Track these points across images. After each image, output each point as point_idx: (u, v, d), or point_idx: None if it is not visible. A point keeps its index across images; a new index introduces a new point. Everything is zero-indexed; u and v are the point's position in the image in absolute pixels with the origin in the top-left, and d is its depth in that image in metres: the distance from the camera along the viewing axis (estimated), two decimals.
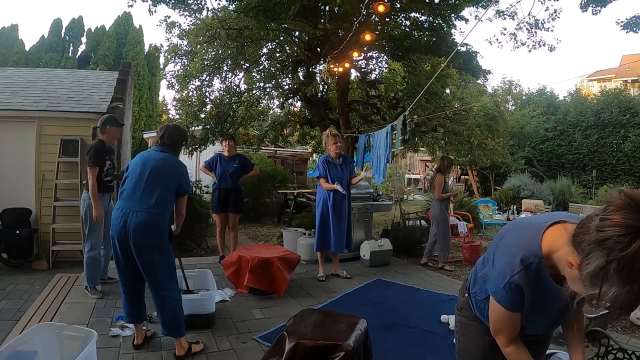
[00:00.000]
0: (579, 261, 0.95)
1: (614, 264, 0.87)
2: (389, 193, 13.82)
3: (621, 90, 17.11)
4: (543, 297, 1.20)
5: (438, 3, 6.72)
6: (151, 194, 2.66)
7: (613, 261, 0.87)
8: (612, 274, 0.88)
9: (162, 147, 2.85)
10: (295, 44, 7.83)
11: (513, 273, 1.15)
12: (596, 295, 0.92)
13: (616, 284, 0.88)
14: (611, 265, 0.87)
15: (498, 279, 1.21)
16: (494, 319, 1.30)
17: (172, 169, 2.81)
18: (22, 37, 36.36)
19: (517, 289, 1.17)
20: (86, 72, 8.20)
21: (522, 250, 1.16)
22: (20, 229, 4.78)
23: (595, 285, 0.91)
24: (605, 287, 0.90)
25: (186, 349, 2.75)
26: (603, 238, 0.89)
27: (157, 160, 2.77)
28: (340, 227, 4.64)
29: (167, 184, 2.73)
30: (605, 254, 0.88)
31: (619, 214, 0.90)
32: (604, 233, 0.90)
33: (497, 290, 1.22)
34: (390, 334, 3.27)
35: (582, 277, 0.95)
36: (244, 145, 9.53)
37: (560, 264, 1.09)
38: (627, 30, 7.12)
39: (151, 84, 20.89)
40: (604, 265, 0.88)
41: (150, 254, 2.63)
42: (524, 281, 1.15)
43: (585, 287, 0.95)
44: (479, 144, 7.83)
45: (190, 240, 5.93)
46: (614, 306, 0.91)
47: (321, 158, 4.83)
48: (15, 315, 3.40)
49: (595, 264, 0.90)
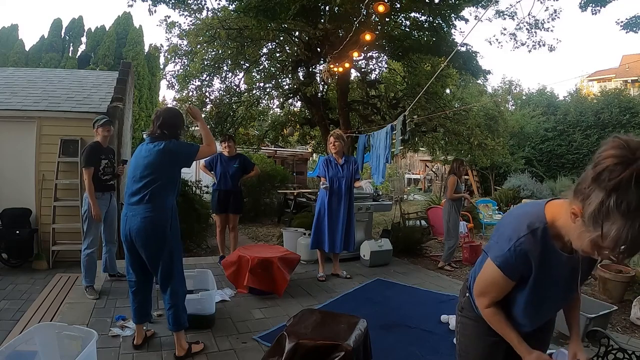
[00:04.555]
0: (581, 205, 0.99)
1: (612, 198, 0.91)
2: (389, 193, 13.82)
3: (621, 90, 17.10)
4: (549, 269, 1.20)
5: (438, 3, 6.73)
6: (147, 193, 2.63)
7: (611, 194, 0.91)
8: (612, 208, 0.91)
9: (152, 138, 2.72)
10: (295, 44, 7.83)
11: (519, 236, 1.16)
12: (600, 239, 0.95)
13: (617, 220, 0.91)
14: (610, 199, 0.91)
15: (503, 244, 1.20)
16: (484, 280, 1.30)
17: (163, 159, 2.65)
18: (22, 37, 36.36)
19: (522, 255, 1.17)
20: (86, 72, 8.19)
21: (528, 217, 1.19)
22: (20, 229, 4.78)
23: (597, 224, 0.95)
24: (607, 226, 0.93)
25: (186, 349, 2.75)
26: (598, 172, 0.94)
27: (147, 157, 2.66)
28: (335, 228, 4.64)
29: (163, 176, 2.67)
30: (603, 188, 0.93)
31: (612, 149, 0.94)
32: (598, 167, 0.95)
33: (500, 254, 1.21)
34: (390, 334, 3.27)
35: (585, 223, 0.98)
36: (244, 145, 9.53)
37: (564, 230, 1.12)
38: (627, 30, 7.11)
39: (151, 84, 20.87)
40: (602, 200, 0.93)
41: (155, 250, 2.66)
42: (529, 246, 1.16)
43: (590, 232, 0.97)
44: (479, 144, 7.84)
45: (190, 240, 5.93)
46: (617, 247, 0.94)
47: (322, 158, 4.84)
48: (15, 315, 3.40)
49: (595, 202, 0.94)
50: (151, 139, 2.73)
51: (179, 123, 2.83)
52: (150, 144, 2.71)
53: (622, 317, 3.83)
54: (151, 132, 2.75)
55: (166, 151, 2.67)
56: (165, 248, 2.67)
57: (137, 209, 2.63)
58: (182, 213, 4.63)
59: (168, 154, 2.67)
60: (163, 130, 2.70)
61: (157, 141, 2.70)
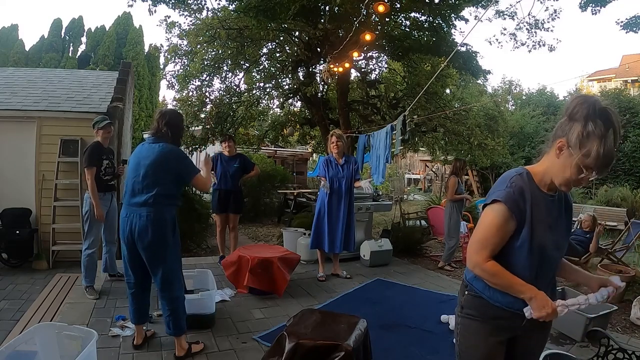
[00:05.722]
0: (565, 138, 1.29)
1: (589, 124, 1.24)
2: (389, 193, 13.82)
3: (621, 90, 17.13)
4: (541, 209, 1.36)
5: (438, 3, 6.72)
6: (149, 194, 2.59)
7: (587, 121, 1.25)
8: (590, 131, 1.23)
9: (155, 138, 2.69)
10: (295, 44, 7.83)
11: (511, 177, 1.38)
12: (584, 158, 1.24)
13: (595, 140, 1.23)
14: (587, 125, 1.24)
15: (500, 187, 1.38)
16: (485, 228, 1.38)
17: (167, 162, 2.63)
18: (22, 37, 36.42)
19: (519, 190, 1.34)
20: (86, 72, 8.19)
21: (512, 171, 1.43)
22: (20, 229, 4.77)
23: (583, 146, 1.24)
24: (588, 145, 1.23)
25: (186, 349, 2.75)
26: (571, 111, 1.29)
27: (150, 157, 2.62)
28: (335, 228, 4.64)
29: (166, 178, 2.63)
30: (578, 119, 1.27)
31: (575, 99, 1.33)
32: (569, 109, 1.31)
33: (501, 193, 1.35)
34: (390, 334, 3.27)
35: (571, 149, 1.27)
36: (244, 145, 9.53)
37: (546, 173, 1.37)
38: (627, 30, 7.11)
39: (151, 84, 20.90)
40: (582, 127, 1.25)
41: (157, 253, 2.63)
42: (522, 183, 1.36)
43: (574, 156, 1.26)
44: (479, 144, 7.84)
45: (190, 240, 5.93)
46: (597, 163, 1.23)
47: (322, 158, 4.84)
48: (15, 315, 3.39)
49: (577, 130, 1.26)
50: (154, 139, 2.70)
51: (182, 124, 2.83)
52: (153, 144, 2.68)
53: (622, 317, 3.83)
54: (155, 130, 2.72)
55: (171, 155, 2.66)
56: (167, 250, 2.66)
57: (141, 210, 2.60)
58: (182, 213, 4.65)
59: (174, 159, 2.67)
60: (167, 130, 2.68)
61: (160, 141, 2.68)
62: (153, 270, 2.68)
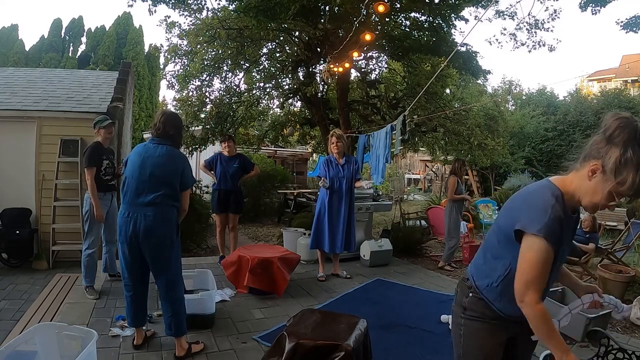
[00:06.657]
0: (601, 162, 1.20)
1: (629, 151, 1.15)
2: (389, 193, 13.82)
3: (621, 90, 17.12)
4: (567, 231, 1.31)
5: (438, 3, 6.72)
6: (156, 194, 2.60)
7: (626, 148, 1.16)
8: (628, 159, 1.15)
9: (160, 139, 2.72)
10: (295, 44, 7.83)
11: (552, 204, 1.25)
12: (619, 185, 1.17)
13: (631, 169, 1.15)
14: (627, 153, 1.15)
15: (540, 216, 1.24)
16: (532, 264, 1.25)
17: (174, 163, 2.69)
18: (22, 37, 36.41)
19: (558, 221, 1.25)
20: (86, 72, 8.19)
21: (546, 189, 1.30)
22: (20, 229, 4.77)
23: (619, 174, 1.16)
24: (624, 173, 1.16)
25: (186, 349, 2.75)
26: (610, 134, 1.19)
27: (157, 157, 2.65)
28: (335, 228, 4.64)
29: (170, 180, 2.66)
30: (617, 144, 1.17)
31: (613, 119, 1.21)
32: (608, 131, 1.20)
33: (542, 225, 1.23)
34: (390, 334, 3.27)
35: (606, 174, 1.19)
36: (244, 145, 9.53)
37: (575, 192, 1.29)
38: (627, 30, 7.11)
39: (151, 84, 20.90)
40: (621, 153, 1.16)
41: (163, 253, 2.63)
42: (560, 212, 1.26)
43: (610, 182, 1.18)
44: (479, 144, 7.83)
45: (190, 240, 5.92)
46: (630, 191, 1.17)
47: (322, 158, 4.84)
48: (15, 315, 3.39)
49: (614, 155, 1.17)
50: (159, 140, 2.72)
51: (182, 126, 2.89)
52: (158, 145, 2.70)
53: None
54: (156, 130, 2.73)
55: (179, 158, 2.75)
56: (173, 250, 2.67)
57: (146, 209, 2.59)
58: None
59: (181, 162, 2.74)
60: (168, 130, 2.72)
61: (165, 142, 2.72)
62: (157, 271, 2.67)
